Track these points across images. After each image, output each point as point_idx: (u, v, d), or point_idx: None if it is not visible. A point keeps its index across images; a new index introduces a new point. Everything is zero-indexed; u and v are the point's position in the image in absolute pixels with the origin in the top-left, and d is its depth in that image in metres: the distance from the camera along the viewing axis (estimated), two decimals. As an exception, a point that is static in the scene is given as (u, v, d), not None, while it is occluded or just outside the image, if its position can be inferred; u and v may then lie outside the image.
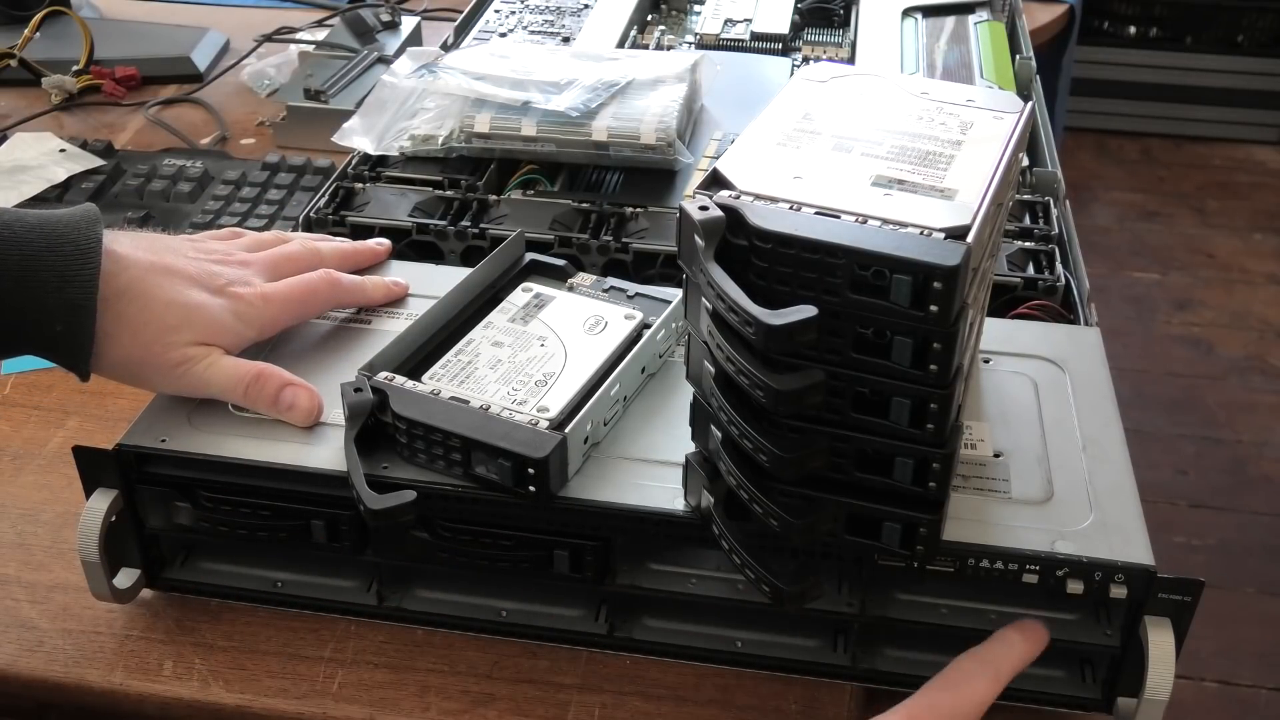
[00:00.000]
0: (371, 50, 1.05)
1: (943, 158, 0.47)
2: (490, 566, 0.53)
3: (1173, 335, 2.13)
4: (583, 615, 0.56)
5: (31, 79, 1.07)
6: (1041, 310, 0.66)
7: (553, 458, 0.50)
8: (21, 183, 0.88)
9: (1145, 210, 2.49)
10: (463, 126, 0.78)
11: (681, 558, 0.54)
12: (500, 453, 0.50)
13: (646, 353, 0.57)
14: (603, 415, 0.54)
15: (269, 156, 0.92)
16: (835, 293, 0.42)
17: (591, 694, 0.54)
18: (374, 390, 0.53)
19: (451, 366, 0.55)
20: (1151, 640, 0.49)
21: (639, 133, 0.76)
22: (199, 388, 0.55)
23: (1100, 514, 0.51)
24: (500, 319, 0.59)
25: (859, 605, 0.52)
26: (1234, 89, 2.63)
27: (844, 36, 1.01)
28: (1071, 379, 0.58)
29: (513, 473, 0.50)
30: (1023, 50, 0.94)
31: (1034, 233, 0.71)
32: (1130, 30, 2.61)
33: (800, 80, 0.53)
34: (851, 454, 0.46)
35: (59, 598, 0.58)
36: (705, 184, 0.45)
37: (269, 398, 0.55)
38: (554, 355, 0.56)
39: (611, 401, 0.55)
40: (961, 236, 0.42)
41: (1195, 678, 1.52)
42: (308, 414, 0.55)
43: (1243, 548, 1.71)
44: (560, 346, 0.56)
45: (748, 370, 0.42)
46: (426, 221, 0.73)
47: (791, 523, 0.45)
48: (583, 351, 0.56)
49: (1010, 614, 0.52)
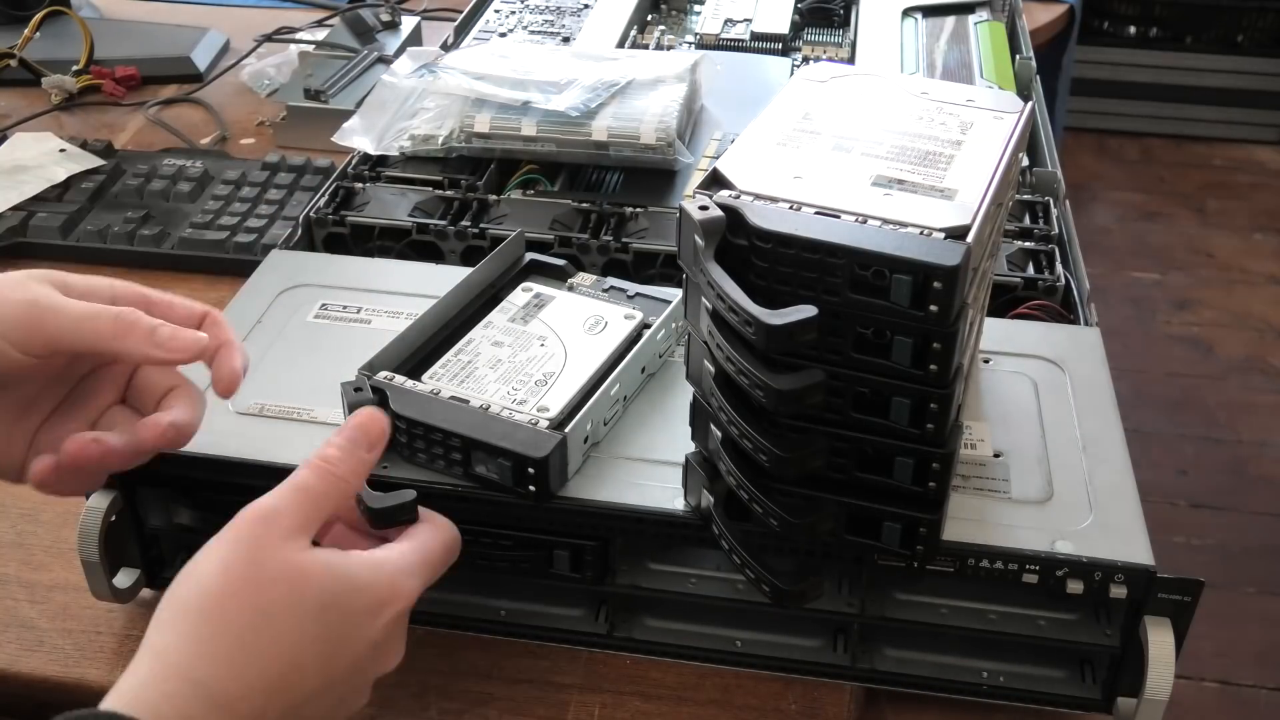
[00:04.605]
0: (371, 50, 1.05)
1: (943, 158, 0.47)
2: (490, 566, 0.53)
3: (1173, 335, 2.13)
4: (583, 615, 0.56)
5: (31, 79, 1.07)
6: (1041, 310, 0.66)
7: (553, 457, 0.50)
8: (22, 183, 0.88)
9: (1145, 210, 2.48)
10: (463, 126, 0.78)
11: (681, 558, 0.54)
12: (500, 452, 0.50)
13: (646, 353, 0.57)
14: (603, 415, 0.54)
15: (269, 156, 0.92)
16: (835, 293, 0.42)
17: (591, 694, 0.54)
18: (374, 390, 0.53)
19: (451, 366, 0.55)
20: (1151, 640, 0.49)
21: (639, 133, 0.76)
22: None
23: (1100, 514, 0.51)
24: (500, 319, 0.59)
25: (859, 605, 0.52)
26: (1234, 89, 2.63)
27: (844, 36, 1.01)
28: (1071, 379, 0.58)
29: (513, 472, 0.50)
30: (1023, 50, 0.94)
31: (1034, 233, 0.71)
32: (1130, 30, 2.60)
33: (800, 80, 0.53)
34: (851, 454, 0.46)
35: (59, 598, 0.58)
36: (705, 184, 0.45)
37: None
38: (554, 355, 0.56)
39: (611, 401, 0.55)
40: (961, 236, 0.42)
41: (1195, 678, 1.52)
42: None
43: (1243, 548, 1.71)
44: (560, 346, 0.56)
45: (748, 370, 0.42)
46: (426, 221, 0.73)
47: (791, 523, 0.45)
48: (583, 351, 0.56)
49: (1010, 614, 0.52)
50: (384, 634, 0.44)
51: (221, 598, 0.41)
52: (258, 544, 0.42)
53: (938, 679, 0.53)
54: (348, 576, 0.43)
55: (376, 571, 0.44)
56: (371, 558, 0.45)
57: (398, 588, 0.44)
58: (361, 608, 0.43)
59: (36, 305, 0.47)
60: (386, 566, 0.45)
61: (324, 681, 0.42)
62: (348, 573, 0.43)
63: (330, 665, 0.42)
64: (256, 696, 0.40)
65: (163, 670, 0.40)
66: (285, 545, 0.42)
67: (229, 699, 0.40)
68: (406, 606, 0.45)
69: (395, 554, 0.46)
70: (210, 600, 0.41)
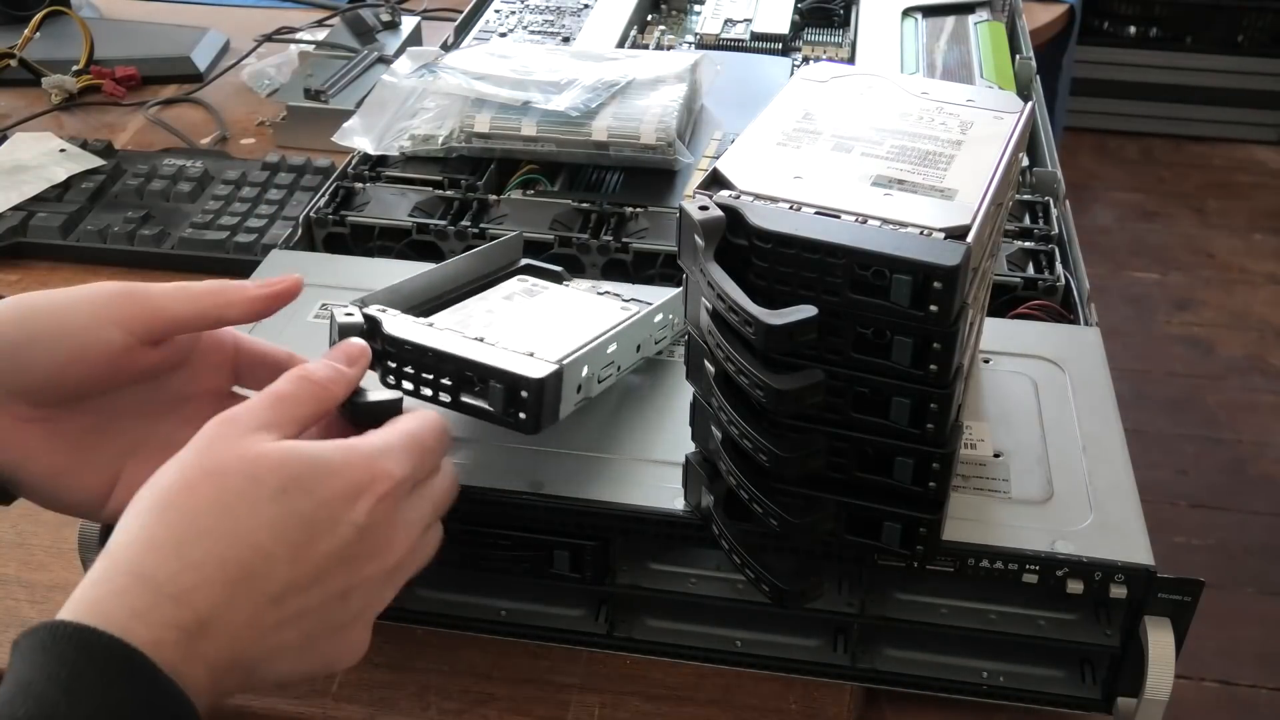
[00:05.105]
0: (371, 50, 1.05)
1: (943, 158, 0.47)
2: (490, 566, 0.53)
3: (1173, 335, 2.13)
4: (583, 615, 0.56)
5: (31, 79, 1.07)
6: (1041, 310, 0.66)
7: (548, 383, 0.48)
8: (22, 182, 0.88)
9: (1145, 210, 2.49)
10: (463, 126, 0.78)
11: (681, 558, 0.54)
12: (493, 373, 0.48)
13: (644, 328, 0.56)
14: (598, 368, 0.52)
15: (269, 156, 0.92)
16: (835, 293, 0.42)
17: (591, 694, 0.54)
18: (365, 318, 0.51)
19: (446, 318, 0.54)
20: (1151, 640, 0.49)
21: (639, 133, 0.76)
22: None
23: (1100, 514, 0.51)
24: (495, 297, 0.57)
25: (859, 605, 0.52)
26: (1234, 89, 2.63)
27: (844, 36, 1.01)
28: (1071, 379, 0.58)
29: (504, 396, 0.48)
30: (1023, 50, 0.94)
31: (1034, 233, 0.71)
32: (1130, 30, 2.61)
33: (800, 80, 0.53)
34: (851, 454, 0.46)
35: (59, 598, 0.58)
36: (705, 184, 0.45)
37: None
38: (551, 321, 0.55)
39: (607, 359, 0.53)
40: (961, 236, 0.42)
41: (1195, 678, 1.52)
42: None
43: (1243, 548, 1.71)
44: (557, 316, 0.56)
45: (748, 370, 0.42)
46: (426, 221, 0.73)
47: (791, 523, 0.45)
48: (580, 320, 0.55)
49: (1010, 614, 0.52)
50: (370, 519, 0.41)
51: (172, 492, 0.40)
52: (216, 441, 0.41)
53: (938, 679, 0.53)
54: (314, 460, 0.41)
55: (350, 453, 0.42)
56: (345, 442, 0.42)
57: (377, 468, 0.42)
58: (336, 491, 0.41)
59: (130, 290, 0.46)
60: (362, 447, 0.42)
61: (303, 571, 0.40)
62: (314, 456, 0.41)
63: (306, 552, 0.40)
64: (216, 588, 0.38)
65: (111, 567, 0.38)
66: (245, 439, 0.41)
67: (181, 590, 0.38)
68: (392, 489, 0.42)
69: (374, 437, 0.43)
70: (162, 495, 0.40)
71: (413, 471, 0.44)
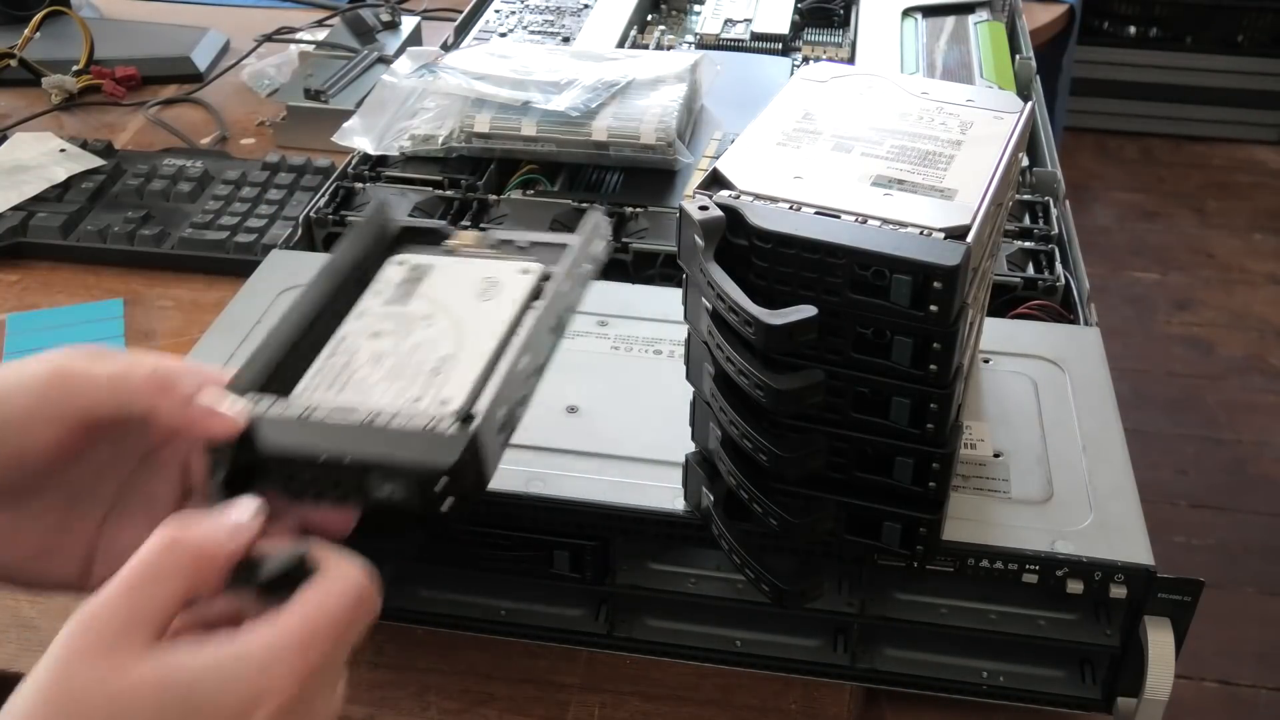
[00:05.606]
0: (371, 50, 1.05)
1: (943, 158, 0.47)
2: (490, 566, 0.53)
3: (1173, 335, 2.13)
4: (583, 615, 0.56)
5: (31, 79, 1.07)
6: (1041, 310, 0.66)
7: (464, 463, 0.40)
8: (22, 183, 0.88)
9: (1145, 210, 2.48)
10: (463, 126, 0.78)
11: (681, 558, 0.54)
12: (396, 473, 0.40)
13: (554, 310, 0.48)
14: (516, 395, 0.45)
15: (269, 156, 0.92)
16: (835, 293, 0.42)
17: (591, 694, 0.54)
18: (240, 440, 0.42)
19: (326, 373, 0.46)
20: (1151, 640, 0.49)
21: (639, 133, 0.76)
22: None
23: (1100, 514, 0.51)
24: (375, 303, 0.49)
25: (859, 605, 0.52)
26: (1234, 89, 2.63)
27: (844, 36, 1.01)
28: (1071, 379, 0.58)
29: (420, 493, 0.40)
30: (1023, 50, 0.94)
31: (1034, 233, 0.71)
32: (1130, 30, 2.60)
33: (800, 80, 0.53)
34: (851, 454, 0.46)
35: (59, 598, 0.58)
36: (705, 184, 0.45)
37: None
38: (444, 335, 0.47)
39: (523, 377, 0.46)
40: (961, 236, 0.42)
41: (1195, 678, 1.52)
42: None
43: (1243, 548, 1.71)
44: (450, 322, 0.48)
45: (748, 370, 0.42)
46: (426, 222, 0.73)
47: (791, 523, 0.45)
48: (477, 323, 0.47)
49: (1010, 614, 0.52)
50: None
51: None
52: (73, 663, 0.35)
53: (937, 679, 0.53)
54: (194, 683, 0.35)
55: (239, 664, 0.36)
56: (232, 647, 0.36)
57: (270, 679, 0.36)
58: (221, 714, 0.35)
59: (62, 371, 0.42)
60: (250, 655, 0.36)
61: None
62: (195, 678, 0.35)
63: None
64: None
65: None
66: (108, 659, 0.35)
67: None
68: (286, 701, 0.36)
69: (266, 636, 0.36)
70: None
71: (319, 662, 0.37)
